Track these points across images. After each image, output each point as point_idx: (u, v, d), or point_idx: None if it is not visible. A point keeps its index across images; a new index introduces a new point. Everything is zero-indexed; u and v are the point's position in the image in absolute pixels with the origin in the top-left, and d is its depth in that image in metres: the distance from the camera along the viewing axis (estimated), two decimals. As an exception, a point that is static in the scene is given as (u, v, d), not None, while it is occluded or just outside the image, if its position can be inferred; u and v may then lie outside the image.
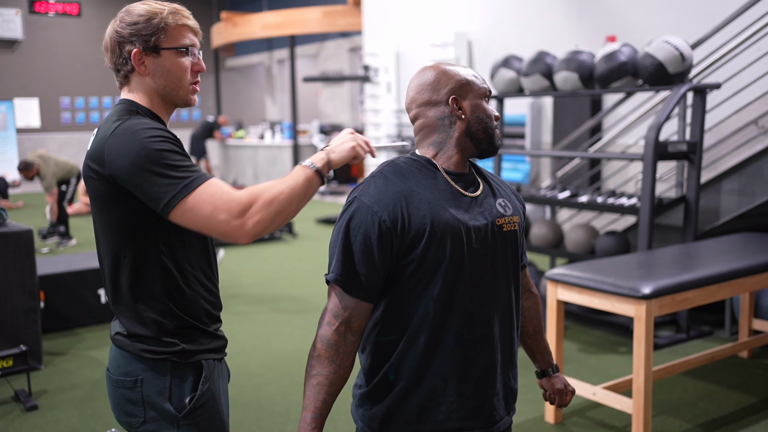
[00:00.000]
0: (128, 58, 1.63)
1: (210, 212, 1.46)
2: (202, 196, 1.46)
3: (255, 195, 1.49)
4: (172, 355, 1.61)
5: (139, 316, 1.60)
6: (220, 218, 1.45)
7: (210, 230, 1.48)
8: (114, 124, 1.55)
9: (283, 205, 1.50)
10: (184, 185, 1.46)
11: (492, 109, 1.66)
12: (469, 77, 1.64)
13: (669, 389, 3.87)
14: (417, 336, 1.56)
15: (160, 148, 1.49)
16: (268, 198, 1.49)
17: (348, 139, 1.67)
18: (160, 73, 1.64)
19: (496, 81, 5.42)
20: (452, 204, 1.56)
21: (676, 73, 4.37)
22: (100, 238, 1.64)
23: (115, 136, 1.51)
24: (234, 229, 1.46)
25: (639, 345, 3.09)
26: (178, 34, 1.65)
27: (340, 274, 1.53)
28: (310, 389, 1.53)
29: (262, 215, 1.47)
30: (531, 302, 1.90)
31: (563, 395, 1.92)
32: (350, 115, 15.32)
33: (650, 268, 3.53)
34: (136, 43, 1.61)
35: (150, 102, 1.67)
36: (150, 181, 1.46)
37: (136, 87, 1.66)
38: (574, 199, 5.15)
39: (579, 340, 4.72)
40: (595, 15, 7.51)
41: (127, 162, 1.47)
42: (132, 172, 1.47)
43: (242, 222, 1.46)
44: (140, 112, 1.63)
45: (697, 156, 4.50)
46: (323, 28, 13.34)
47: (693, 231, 4.55)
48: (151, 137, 1.50)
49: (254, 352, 4.58)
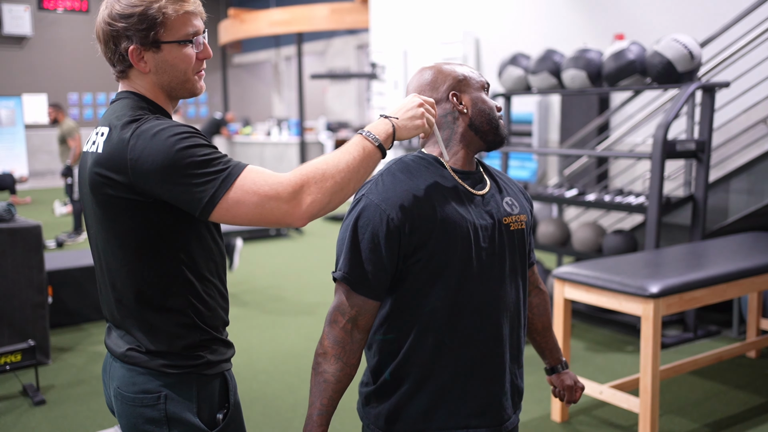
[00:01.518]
0: (124, 54, 1.45)
1: (258, 201, 1.33)
2: (245, 187, 1.33)
3: (305, 174, 1.36)
4: (198, 368, 1.49)
5: (160, 332, 1.47)
6: (270, 206, 1.33)
7: (261, 220, 1.35)
8: (129, 126, 1.38)
9: (339, 183, 1.37)
10: (223, 179, 1.33)
11: (493, 101, 1.66)
12: (466, 72, 1.65)
13: (676, 389, 3.86)
14: (425, 334, 1.55)
15: (189, 145, 1.34)
16: (321, 175, 1.36)
17: (414, 106, 1.49)
18: (162, 69, 1.48)
19: (504, 79, 5.41)
20: (460, 202, 1.56)
21: (684, 72, 4.36)
22: (107, 250, 1.47)
23: (137, 140, 1.35)
24: (286, 214, 1.34)
25: (646, 344, 3.08)
26: (180, 24, 1.46)
27: (347, 272, 1.53)
28: (317, 386, 1.53)
29: (315, 195, 1.35)
30: (539, 299, 1.90)
31: (573, 392, 1.92)
32: (357, 112, 15.32)
33: (658, 267, 3.52)
34: (133, 39, 1.44)
35: (155, 96, 1.51)
36: (185, 184, 1.32)
37: (138, 82, 1.50)
38: (581, 197, 5.14)
39: (586, 339, 4.72)
40: (603, 13, 7.49)
41: (155, 167, 1.32)
42: (162, 177, 1.32)
43: (295, 205, 1.34)
44: (149, 107, 1.48)
45: (705, 155, 4.49)
46: (330, 25, 13.34)
47: (701, 230, 4.54)
48: (177, 135, 1.35)
49: (260, 349, 4.59)
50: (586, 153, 5.32)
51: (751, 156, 4.72)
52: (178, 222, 1.42)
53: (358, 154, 1.41)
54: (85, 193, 1.49)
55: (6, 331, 4.13)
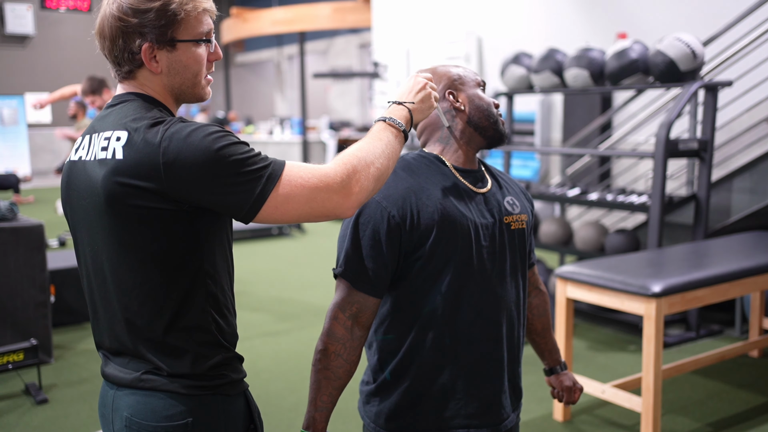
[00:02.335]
0: (137, 52, 1.34)
1: (309, 195, 1.28)
2: (293, 181, 1.28)
3: (350, 163, 1.32)
4: (223, 388, 1.38)
5: (183, 352, 1.34)
6: (322, 197, 1.29)
7: (311, 214, 1.30)
8: (155, 128, 1.27)
9: (380, 169, 1.36)
10: (268, 175, 1.27)
11: (490, 98, 1.67)
12: (460, 71, 1.66)
13: (678, 388, 3.85)
14: (424, 333, 1.56)
15: (228, 143, 1.26)
16: (365, 163, 1.33)
17: (420, 87, 1.49)
18: (175, 70, 1.37)
19: (506, 78, 5.40)
20: (461, 201, 1.57)
21: (687, 71, 4.35)
22: (119, 268, 1.32)
23: (169, 142, 1.24)
24: (338, 205, 1.30)
25: (648, 343, 3.08)
26: (196, 22, 1.37)
27: (348, 269, 1.53)
28: (316, 383, 1.53)
29: (363, 183, 1.32)
30: (539, 300, 1.90)
31: (571, 392, 1.92)
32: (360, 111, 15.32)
33: (660, 267, 3.51)
34: (148, 36, 1.33)
35: (164, 99, 1.41)
36: (230, 184, 1.24)
37: (145, 83, 1.38)
38: (583, 196, 5.13)
39: (588, 338, 4.71)
40: (605, 11, 7.48)
41: (195, 169, 1.23)
42: (204, 180, 1.23)
43: (346, 195, 1.30)
44: (161, 109, 1.38)
45: (708, 154, 4.48)
46: (333, 24, 13.34)
47: (704, 229, 4.53)
48: (212, 134, 1.26)
49: (262, 348, 4.59)
50: (588, 152, 5.31)
51: (754, 155, 4.71)
52: (205, 231, 1.33)
53: (389, 139, 1.40)
54: (82, 207, 1.36)
55: (8, 330, 4.14)
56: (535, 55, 5.31)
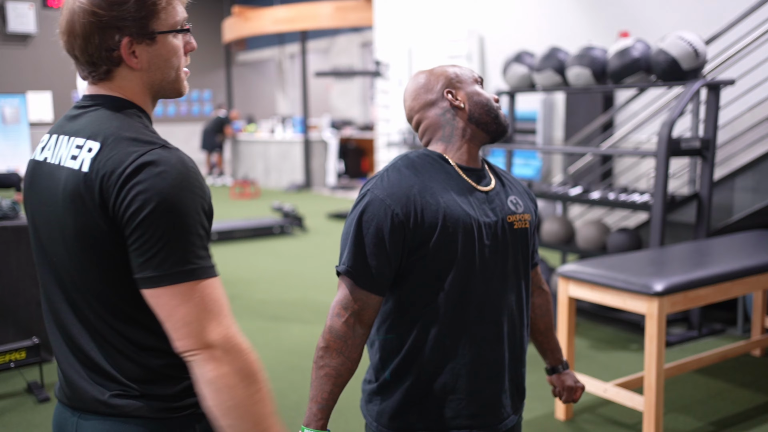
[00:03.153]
0: (115, 49, 1.23)
1: (198, 316, 1.16)
2: (214, 293, 1.18)
3: (244, 351, 1.19)
4: (196, 406, 1.29)
5: (156, 373, 1.26)
6: (197, 328, 1.16)
7: (176, 333, 1.17)
8: (141, 149, 1.18)
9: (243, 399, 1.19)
10: (209, 267, 1.19)
11: (489, 93, 1.67)
12: (457, 70, 1.67)
13: (681, 387, 3.85)
14: (427, 331, 1.56)
15: (206, 209, 1.21)
16: (251, 373, 1.20)
17: None
18: (156, 64, 1.28)
19: (509, 77, 5.40)
20: (464, 199, 1.57)
21: (689, 69, 4.34)
22: (91, 283, 1.23)
23: (154, 178, 1.15)
24: (194, 351, 1.16)
25: (651, 342, 3.07)
26: (173, 10, 1.28)
27: (351, 266, 1.53)
28: (318, 380, 1.54)
29: (228, 368, 1.17)
30: (542, 299, 1.90)
31: (573, 392, 1.92)
32: (361, 110, 15.32)
33: (662, 265, 3.51)
34: (126, 30, 1.22)
35: (142, 100, 1.30)
36: (175, 240, 1.15)
37: (124, 83, 1.27)
38: (585, 195, 5.13)
39: (590, 337, 4.71)
40: (608, 10, 7.47)
41: (163, 211, 1.14)
42: (161, 222, 1.15)
43: (210, 352, 1.16)
44: (142, 116, 1.29)
45: (710, 153, 4.47)
46: (335, 23, 13.33)
47: (706, 228, 4.52)
48: (205, 191, 1.21)
49: (264, 347, 4.59)
50: (590, 150, 5.31)
51: (757, 154, 4.70)
52: None
53: (274, 425, 1.26)
54: (43, 213, 1.27)
55: (11, 328, 4.14)
56: (537, 53, 5.30)
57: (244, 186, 12.86)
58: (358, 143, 14.12)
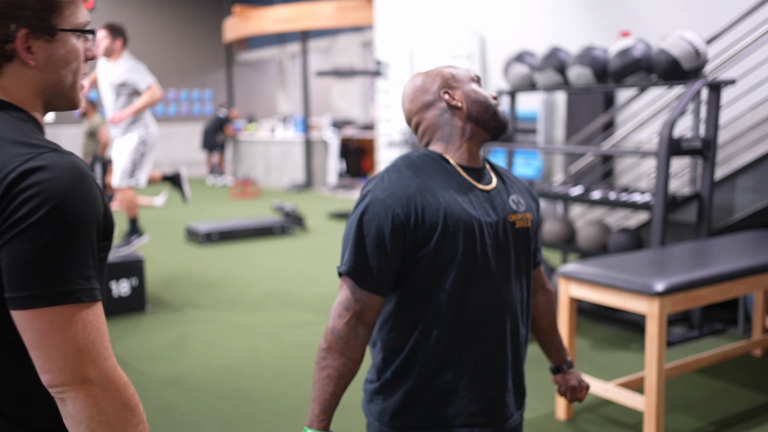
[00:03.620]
0: (8, 41, 1.10)
1: (76, 346, 1.02)
2: (96, 320, 1.05)
3: (123, 389, 1.07)
4: None
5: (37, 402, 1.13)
6: (73, 362, 1.02)
7: (48, 364, 1.02)
8: (30, 150, 1.05)
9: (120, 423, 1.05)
10: (93, 289, 1.05)
11: (487, 91, 1.68)
12: (453, 70, 1.67)
13: (681, 387, 3.85)
14: (429, 331, 1.56)
15: (100, 223, 1.08)
16: (131, 407, 1.07)
17: None
18: (54, 65, 1.15)
19: (509, 76, 5.40)
20: (465, 199, 1.57)
21: (690, 69, 4.34)
22: None
23: (51, 172, 1.03)
24: (67, 386, 1.03)
25: (651, 342, 3.08)
26: (76, 10, 1.17)
27: (352, 267, 1.53)
28: (320, 381, 1.54)
29: (106, 404, 1.04)
30: (545, 299, 1.90)
31: (577, 391, 1.92)
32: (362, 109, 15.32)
33: (663, 265, 3.51)
34: (23, 21, 1.10)
35: (31, 105, 1.17)
36: (57, 254, 1.01)
37: (11, 83, 1.14)
38: (586, 195, 5.13)
39: (591, 337, 4.71)
40: (609, 8, 7.47)
41: (49, 220, 1.01)
42: (44, 233, 1.01)
43: (86, 388, 1.03)
44: (26, 120, 1.14)
45: (711, 152, 4.47)
46: (336, 23, 13.34)
47: (707, 228, 4.52)
48: (99, 203, 1.09)
49: (266, 346, 4.60)
50: (591, 150, 5.31)
51: (758, 154, 4.70)
52: None
53: None
54: None
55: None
56: (539, 53, 5.31)
57: (245, 186, 12.87)
58: (359, 143, 14.13)
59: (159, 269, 6.71)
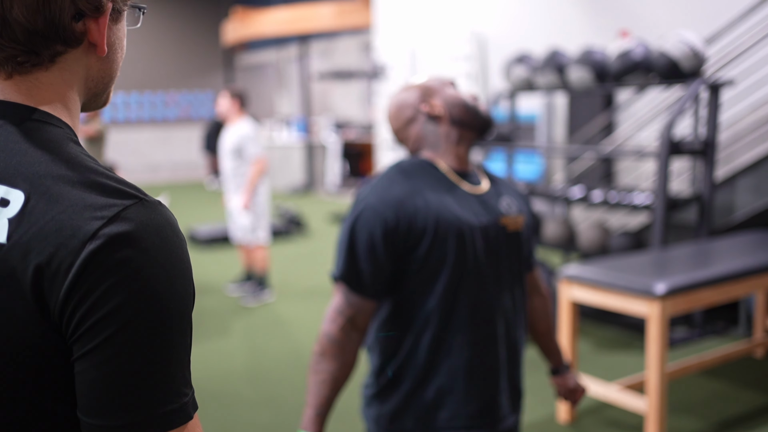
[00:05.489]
0: (88, 13, 0.79)
1: None
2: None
3: None
4: None
5: None
6: None
7: None
8: (108, 203, 0.73)
9: None
10: (193, 401, 0.78)
11: (464, 92, 1.69)
12: (427, 81, 1.70)
13: (684, 388, 3.84)
14: (422, 335, 1.59)
15: (189, 309, 0.79)
16: None
17: None
18: (114, 50, 0.86)
19: (510, 78, 5.40)
20: (456, 203, 1.59)
21: (689, 69, 4.34)
22: None
23: (136, 245, 0.72)
24: None
25: (652, 344, 3.07)
26: None
27: (345, 272, 1.57)
28: (314, 386, 1.57)
29: None
30: (541, 302, 1.91)
31: (574, 393, 1.93)
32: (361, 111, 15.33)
33: (664, 267, 3.51)
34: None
35: (74, 106, 0.84)
36: (156, 365, 0.73)
37: (63, 78, 0.81)
38: (586, 196, 5.12)
39: (593, 338, 4.70)
40: (609, 8, 7.47)
41: (145, 318, 0.73)
42: (139, 336, 0.72)
43: None
44: (73, 137, 0.81)
45: (711, 153, 4.47)
46: (335, 25, 13.35)
47: (707, 229, 4.52)
48: (191, 268, 0.80)
49: (272, 349, 4.60)
50: (590, 149, 5.31)
51: (758, 154, 4.70)
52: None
53: None
54: None
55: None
56: (539, 54, 5.30)
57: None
58: (361, 145, 14.14)
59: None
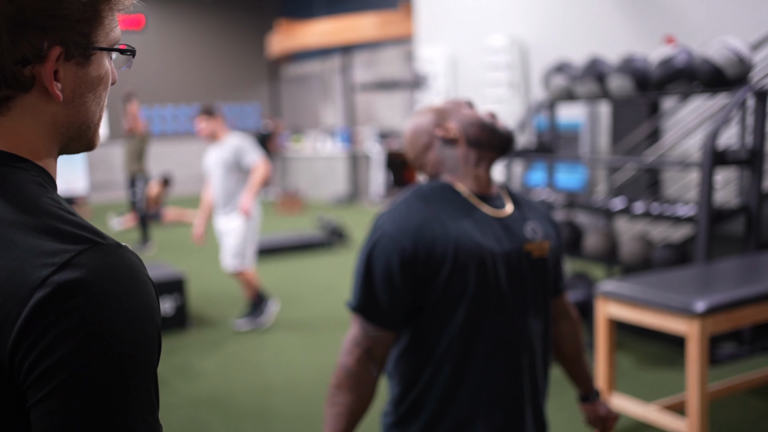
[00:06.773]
0: (34, 60, 0.76)
1: None
2: None
3: None
4: None
5: None
6: None
7: None
8: (60, 249, 0.71)
9: None
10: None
11: (480, 111, 1.64)
12: (439, 105, 1.67)
13: (729, 408, 3.71)
14: (442, 364, 1.53)
15: (160, 338, 0.78)
16: None
17: None
18: (82, 96, 0.82)
19: (549, 88, 5.32)
20: (477, 229, 1.53)
21: (735, 76, 4.21)
22: None
23: (88, 291, 0.70)
24: None
25: (692, 364, 2.96)
26: (113, 19, 0.84)
27: (361, 302, 1.52)
28: (330, 418, 1.52)
29: None
30: (570, 326, 1.85)
31: (606, 421, 1.86)
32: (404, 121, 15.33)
33: (706, 282, 3.39)
34: (57, 36, 0.77)
35: (44, 150, 0.82)
36: (116, 413, 0.70)
37: (23, 123, 0.79)
38: (629, 208, 5.00)
39: (635, 354, 4.58)
40: (652, 13, 7.31)
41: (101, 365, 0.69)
42: (95, 384, 0.69)
43: None
44: (41, 181, 0.79)
45: (758, 162, 4.32)
46: (378, 35, 13.39)
47: (755, 241, 4.36)
48: (158, 310, 0.78)
49: (303, 365, 4.59)
50: (633, 159, 5.19)
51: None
52: None
53: None
54: None
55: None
56: (578, 62, 5.21)
57: (290, 200, 12.98)
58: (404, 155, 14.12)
59: (202, 286, 6.79)
